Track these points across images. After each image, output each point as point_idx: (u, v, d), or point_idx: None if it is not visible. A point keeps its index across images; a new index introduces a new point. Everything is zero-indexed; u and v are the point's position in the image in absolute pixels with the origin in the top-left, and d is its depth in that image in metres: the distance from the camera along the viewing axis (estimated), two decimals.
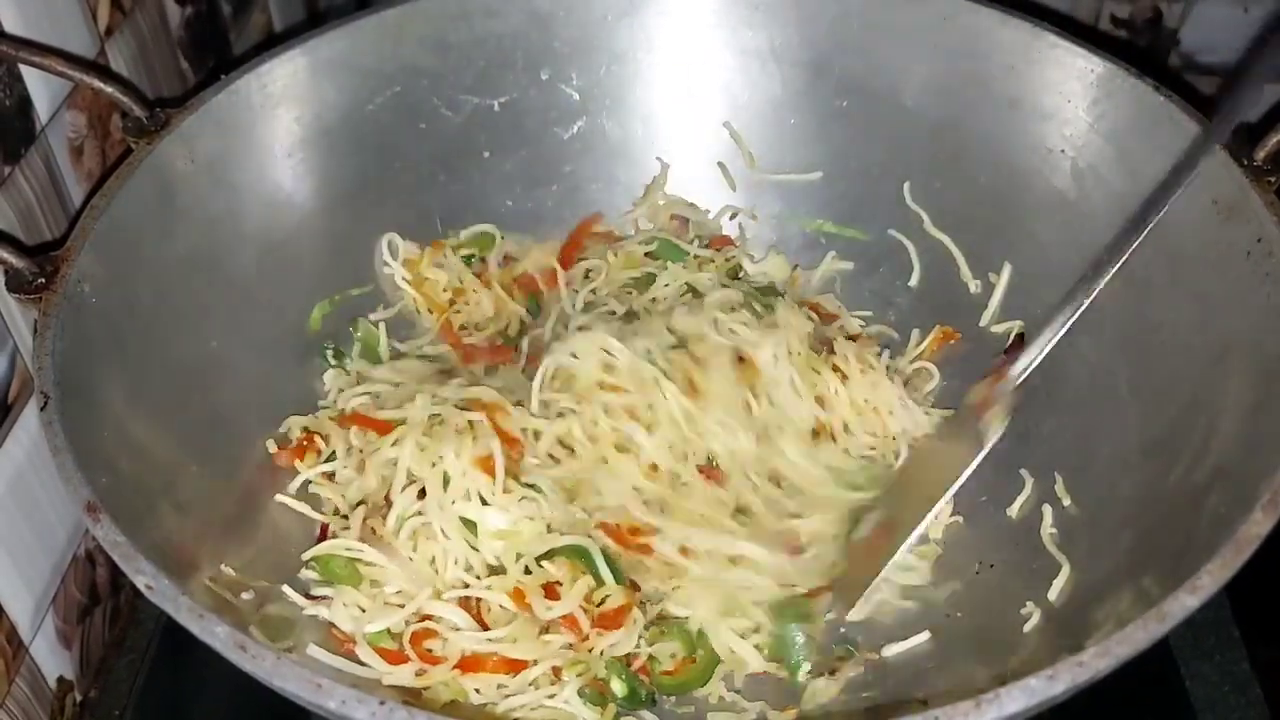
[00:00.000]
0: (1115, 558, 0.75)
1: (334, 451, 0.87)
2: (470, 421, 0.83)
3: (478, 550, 0.80)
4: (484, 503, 0.80)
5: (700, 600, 0.81)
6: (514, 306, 1.00)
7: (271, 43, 0.94)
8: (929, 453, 0.89)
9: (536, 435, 0.86)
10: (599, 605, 0.79)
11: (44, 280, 0.73)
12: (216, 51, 1.12)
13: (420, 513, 0.80)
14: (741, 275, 1.02)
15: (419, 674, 0.75)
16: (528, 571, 0.80)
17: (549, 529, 0.81)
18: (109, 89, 0.81)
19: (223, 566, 0.74)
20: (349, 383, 0.93)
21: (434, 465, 0.81)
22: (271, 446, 0.87)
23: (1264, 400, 0.69)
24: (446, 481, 0.80)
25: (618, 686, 0.77)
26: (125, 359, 0.76)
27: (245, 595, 0.73)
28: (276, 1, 1.27)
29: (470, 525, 0.80)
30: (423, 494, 0.81)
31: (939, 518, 0.86)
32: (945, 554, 0.86)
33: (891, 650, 0.80)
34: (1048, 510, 0.83)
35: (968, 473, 0.81)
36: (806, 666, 0.79)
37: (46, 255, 0.74)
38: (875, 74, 0.98)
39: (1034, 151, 0.88)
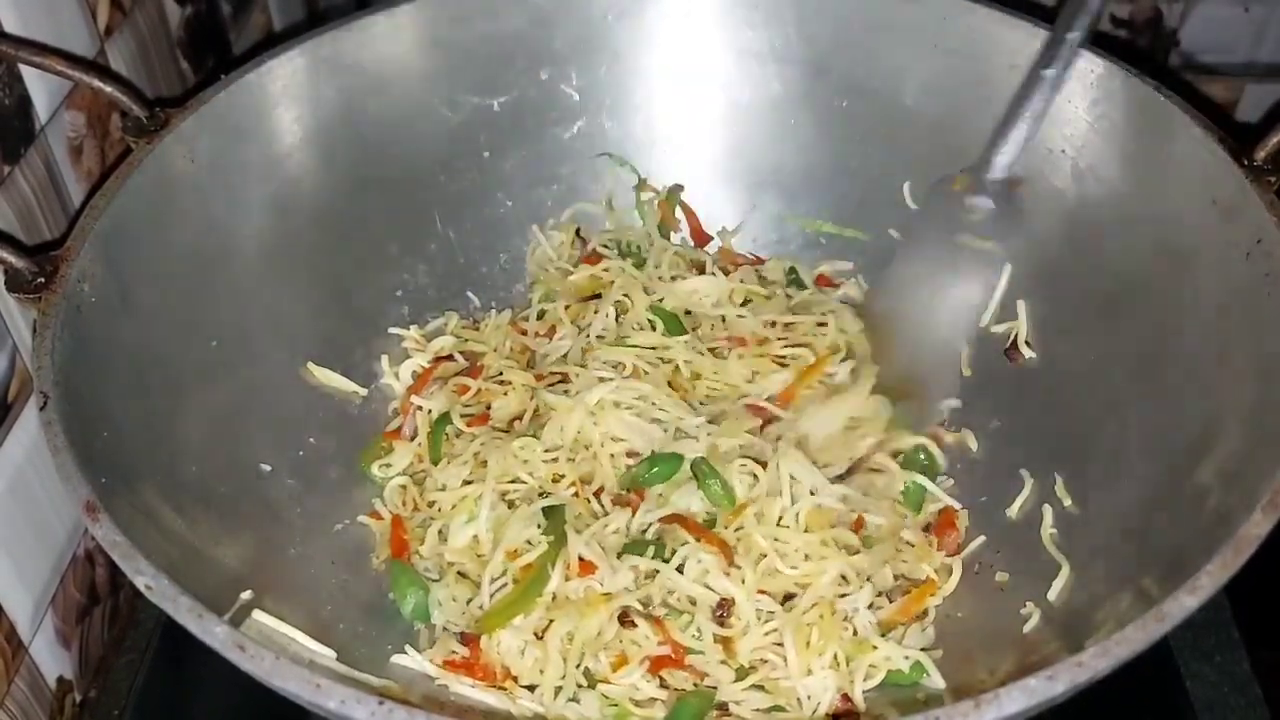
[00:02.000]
0: (1115, 558, 0.75)
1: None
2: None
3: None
4: None
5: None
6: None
7: (271, 43, 0.94)
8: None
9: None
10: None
11: (44, 280, 0.72)
12: (216, 51, 1.12)
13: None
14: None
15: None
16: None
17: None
18: (109, 89, 0.81)
19: (222, 564, 0.74)
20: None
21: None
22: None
23: (1264, 400, 0.69)
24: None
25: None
26: (125, 359, 0.76)
27: (244, 595, 0.73)
28: (276, 1, 1.27)
29: None
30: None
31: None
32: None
33: None
34: (1048, 510, 0.83)
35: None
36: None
37: (46, 255, 0.74)
38: (875, 74, 0.97)
39: (1034, 151, 0.88)
